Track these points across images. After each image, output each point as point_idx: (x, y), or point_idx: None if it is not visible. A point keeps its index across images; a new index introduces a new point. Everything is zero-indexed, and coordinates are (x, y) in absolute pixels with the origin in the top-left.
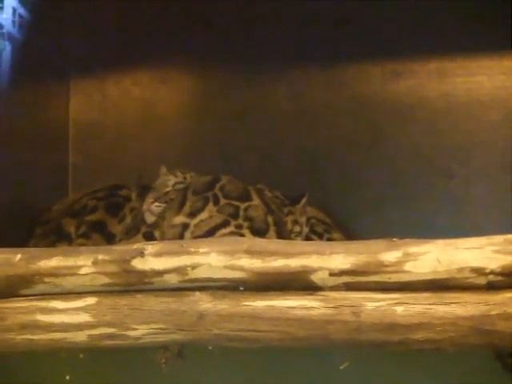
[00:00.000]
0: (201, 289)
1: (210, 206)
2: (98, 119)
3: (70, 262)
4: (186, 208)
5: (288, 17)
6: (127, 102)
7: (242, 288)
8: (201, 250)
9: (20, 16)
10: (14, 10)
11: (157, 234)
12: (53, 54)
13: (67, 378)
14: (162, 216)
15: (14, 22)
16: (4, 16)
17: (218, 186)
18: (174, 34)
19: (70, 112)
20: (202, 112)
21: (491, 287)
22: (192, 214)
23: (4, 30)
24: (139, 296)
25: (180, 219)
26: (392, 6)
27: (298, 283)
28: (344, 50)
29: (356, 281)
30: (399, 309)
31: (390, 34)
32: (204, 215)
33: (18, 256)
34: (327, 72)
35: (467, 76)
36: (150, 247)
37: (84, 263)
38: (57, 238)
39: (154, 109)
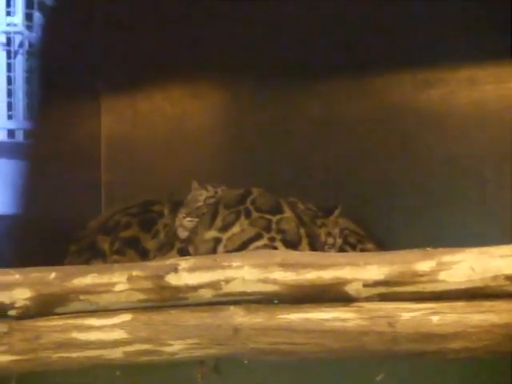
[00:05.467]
0: (235, 303)
1: (242, 219)
2: (130, 135)
3: (104, 279)
4: (218, 222)
5: (316, 28)
6: (158, 118)
7: (276, 301)
8: (234, 264)
9: (51, 36)
10: (45, 30)
11: (190, 249)
12: (83, 71)
13: None
14: (194, 231)
15: (44, 41)
16: (34, 35)
17: (249, 199)
18: (204, 48)
19: (102, 129)
20: (233, 126)
21: None
22: (224, 228)
23: (35, 50)
24: (174, 311)
25: (212, 234)
26: (422, 15)
27: (332, 295)
28: (374, 59)
29: (390, 291)
30: (435, 318)
31: (420, 43)
32: (236, 229)
33: (53, 274)
34: (357, 82)
35: (498, 83)
36: (184, 263)
37: (119, 280)
38: (91, 255)
39: (185, 124)
